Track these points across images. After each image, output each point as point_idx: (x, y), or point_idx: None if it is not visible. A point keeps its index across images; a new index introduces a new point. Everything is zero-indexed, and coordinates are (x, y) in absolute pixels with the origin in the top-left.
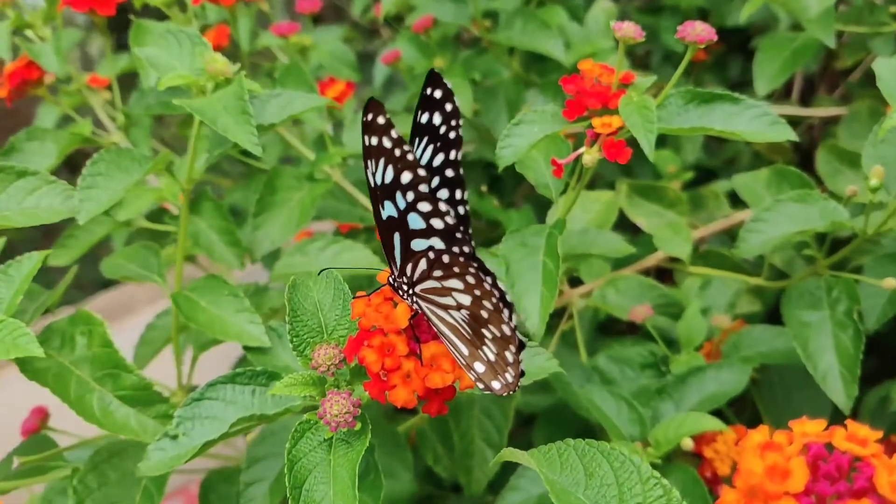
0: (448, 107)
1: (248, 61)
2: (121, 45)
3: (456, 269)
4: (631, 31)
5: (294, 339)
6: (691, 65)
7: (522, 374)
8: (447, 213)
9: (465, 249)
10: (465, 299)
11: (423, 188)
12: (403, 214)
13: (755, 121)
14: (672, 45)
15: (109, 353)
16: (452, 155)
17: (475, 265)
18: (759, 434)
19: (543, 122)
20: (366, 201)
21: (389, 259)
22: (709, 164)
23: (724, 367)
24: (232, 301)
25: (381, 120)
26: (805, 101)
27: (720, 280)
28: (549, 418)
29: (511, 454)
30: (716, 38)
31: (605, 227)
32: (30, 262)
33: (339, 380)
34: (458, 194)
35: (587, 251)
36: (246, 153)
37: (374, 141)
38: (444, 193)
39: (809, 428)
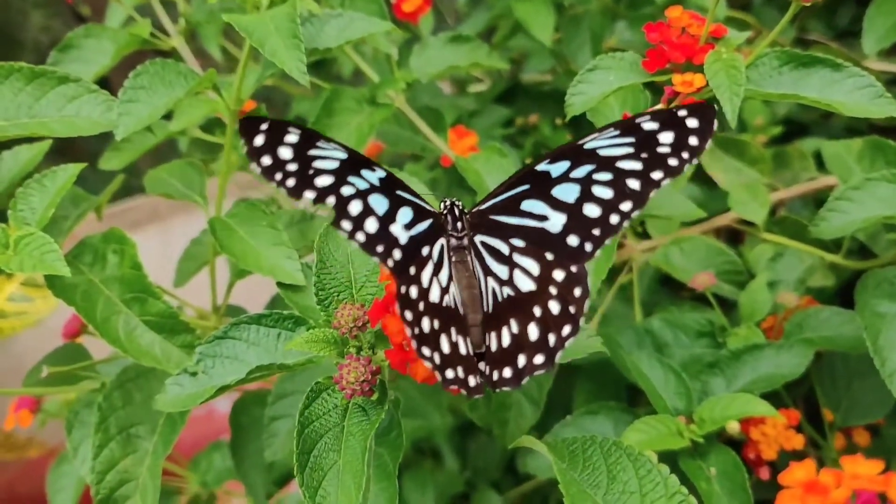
0: (692, 140)
1: None
2: None
3: None
4: None
5: (320, 293)
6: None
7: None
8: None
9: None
10: None
11: None
12: None
13: (856, 92)
14: None
15: (138, 276)
16: (656, 174)
17: None
18: (803, 470)
19: (620, 71)
20: (428, 130)
21: None
22: (801, 118)
23: (784, 349)
24: (269, 233)
25: None
26: None
27: (793, 253)
28: (593, 374)
29: (530, 442)
30: None
31: (681, 181)
32: (65, 173)
33: (362, 342)
34: (618, 212)
35: (652, 212)
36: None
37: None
38: (606, 193)
39: (863, 469)
